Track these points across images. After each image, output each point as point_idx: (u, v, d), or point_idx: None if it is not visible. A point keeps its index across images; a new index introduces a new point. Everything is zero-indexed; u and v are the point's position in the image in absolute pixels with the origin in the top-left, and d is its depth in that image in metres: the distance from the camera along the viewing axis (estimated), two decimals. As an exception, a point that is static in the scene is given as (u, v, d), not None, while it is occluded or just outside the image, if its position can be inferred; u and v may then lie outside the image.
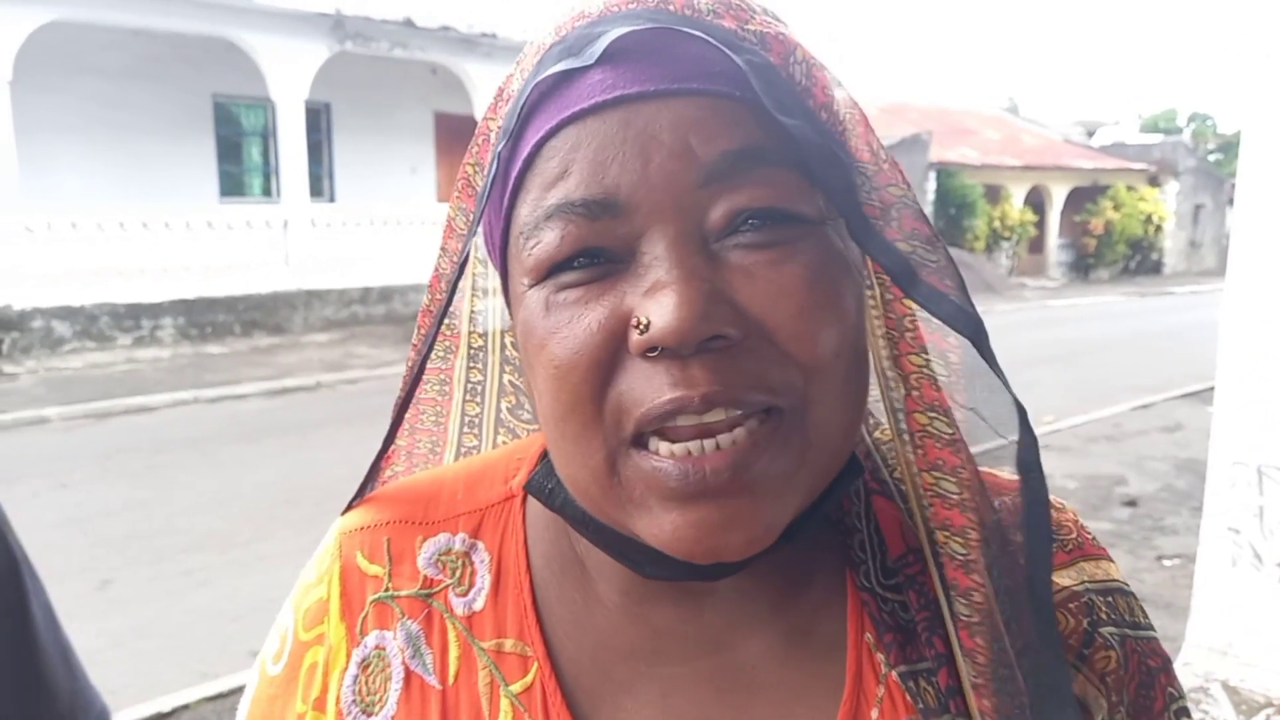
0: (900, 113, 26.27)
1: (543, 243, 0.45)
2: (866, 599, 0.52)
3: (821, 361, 0.44)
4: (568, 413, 0.45)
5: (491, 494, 0.58)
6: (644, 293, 0.43)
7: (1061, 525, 0.58)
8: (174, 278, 11.52)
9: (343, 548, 0.57)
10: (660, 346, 0.42)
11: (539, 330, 0.46)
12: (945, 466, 0.50)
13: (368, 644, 0.55)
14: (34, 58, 10.66)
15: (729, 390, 0.42)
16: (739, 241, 0.44)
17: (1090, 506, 5.90)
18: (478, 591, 0.55)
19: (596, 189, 0.44)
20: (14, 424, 7.87)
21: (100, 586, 4.53)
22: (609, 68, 0.45)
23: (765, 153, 0.44)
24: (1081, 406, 8.77)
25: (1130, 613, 0.57)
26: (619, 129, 0.44)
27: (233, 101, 13.79)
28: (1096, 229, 25.70)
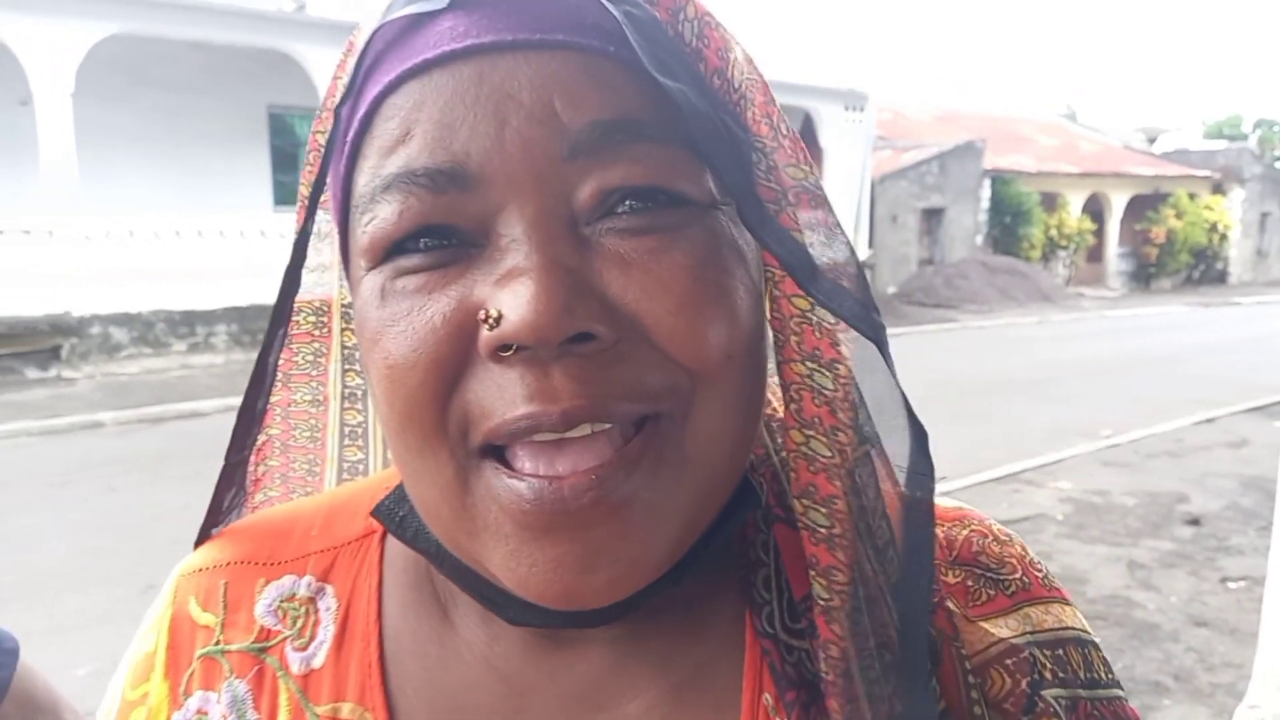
0: (954, 120, 25.93)
1: (379, 218, 0.38)
2: (768, 647, 0.44)
3: (708, 364, 0.37)
4: (405, 421, 0.38)
5: (350, 529, 0.51)
6: (496, 281, 0.36)
7: (1004, 562, 0.48)
8: (228, 285, 11.72)
9: (178, 593, 0.50)
10: (515, 345, 0.35)
11: (372, 322, 0.39)
12: (817, 494, 0.42)
13: (189, 707, 0.47)
14: (96, 70, 10.94)
15: (596, 403, 0.35)
16: (613, 226, 0.37)
17: (1150, 525, 5.69)
18: (319, 645, 0.48)
19: (442, 156, 0.37)
20: (69, 428, 8.04)
21: (144, 591, 4.57)
22: (464, 13, 0.38)
23: (643, 125, 0.37)
24: (1141, 420, 8.50)
25: (1085, 667, 0.47)
26: (471, 85, 0.37)
27: (287, 112, 14.04)
28: (1158, 237, 25.07)
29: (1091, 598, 4.56)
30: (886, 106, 22.66)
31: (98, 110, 11.55)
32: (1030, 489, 6.43)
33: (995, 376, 10.90)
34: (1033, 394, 9.95)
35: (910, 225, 20.57)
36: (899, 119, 24.46)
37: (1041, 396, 9.82)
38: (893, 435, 0.43)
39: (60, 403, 8.85)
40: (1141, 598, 4.58)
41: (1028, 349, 13.58)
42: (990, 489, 6.39)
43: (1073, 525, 5.69)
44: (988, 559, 0.48)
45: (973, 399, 9.51)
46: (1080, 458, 7.29)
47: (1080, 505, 6.08)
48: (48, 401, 8.88)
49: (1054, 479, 6.68)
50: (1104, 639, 4.07)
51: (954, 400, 9.36)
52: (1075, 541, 5.38)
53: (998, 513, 5.86)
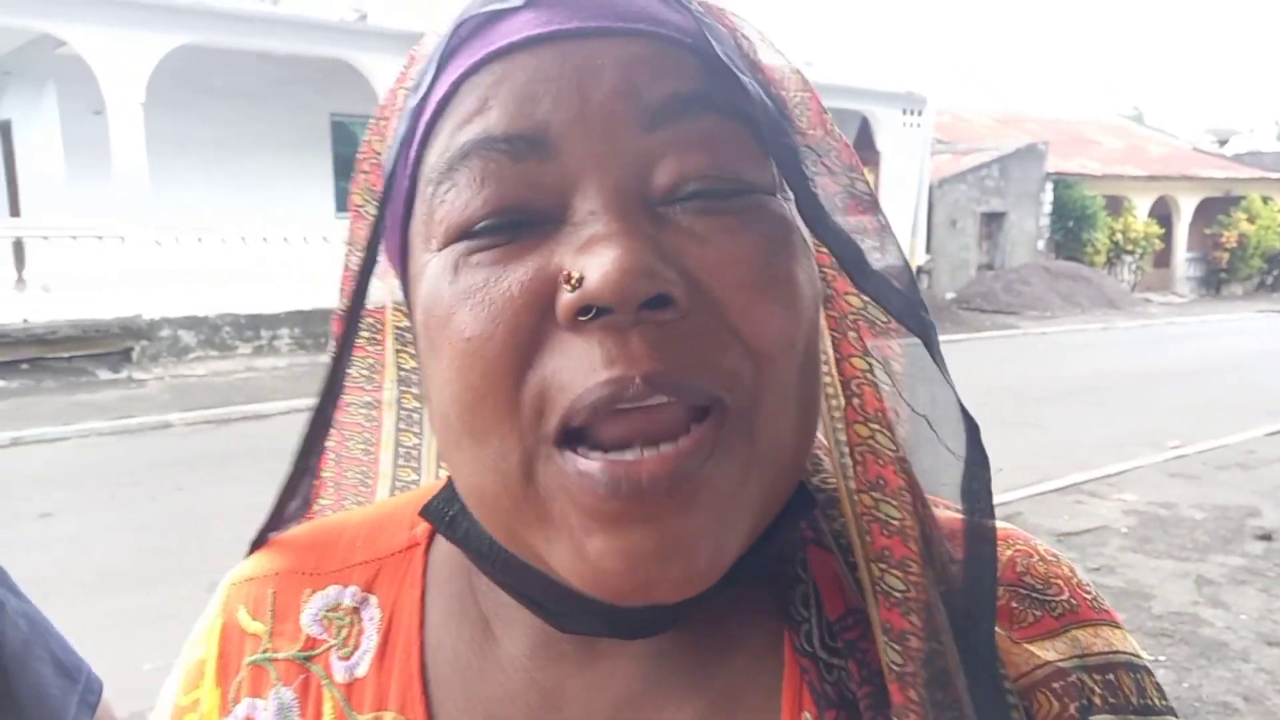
0: (1017, 124, 25.48)
1: (456, 187, 0.38)
2: (806, 665, 0.44)
3: (775, 347, 0.37)
4: (478, 400, 0.37)
5: (394, 541, 0.51)
6: (577, 249, 0.36)
7: (1051, 582, 0.47)
8: (291, 289, 11.97)
9: (227, 602, 0.52)
10: (595, 307, 0.34)
11: (446, 298, 0.38)
12: (886, 487, 0.42)
13: (238, 714, 0.48)
14: (165, 81, 11.26)
15: (673, 371, 0.35)
16: (688, 204, 0.37)
17: (1220, 540, 5.52)
18: (363, 654, 0.48)
19: (524, 123, 0.37)
20: (140, 428, 8.28)
21: (209, 588, 4.65)
22: (543, 8, 0.39)
23: (716, 100, 0.38)
24: (1211, 430, 8.25)
25: (1138, 693, 0.46)
26: (554, 62, 0.38)
27: (349, 120, 14.31)
28: (1229, 242, 24.33)
29: (1158, 614, 4.45)
30: (945, 109, 22.34)
31: (167, 119, 11.89)
32: (1093, 500, 6.29)
33: (1057, 384, 10.68)
34: (1096, 402, 9.73)
35: (969, 230, 20.25)
36: (958, 122, 24.10)
37: (1106, 405, 9.60)
38: (946, 429, 0.43)
39: (131, 403, 9.12)
40: (1210, 615, 4.45)
41: (1092, 356, 13.28)
42: (1051, 500, 6.26)
43: (1138, 539, 5.55)
44: (1033, 579, 0.47)
45: (1034, 407, 9.33)
46: (1145, 469, 7.10)
47: (1145, 518, 5.92)
48: (119, 402, 9.16)
49: (1118, 490, 6.52)
50: (1170, 657, 3.97)
51: (1014, 408, 9.18)
52: (1140, 555, 5.24)
53: (1059, 525, 5.75)
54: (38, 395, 9.44)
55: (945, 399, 0.42)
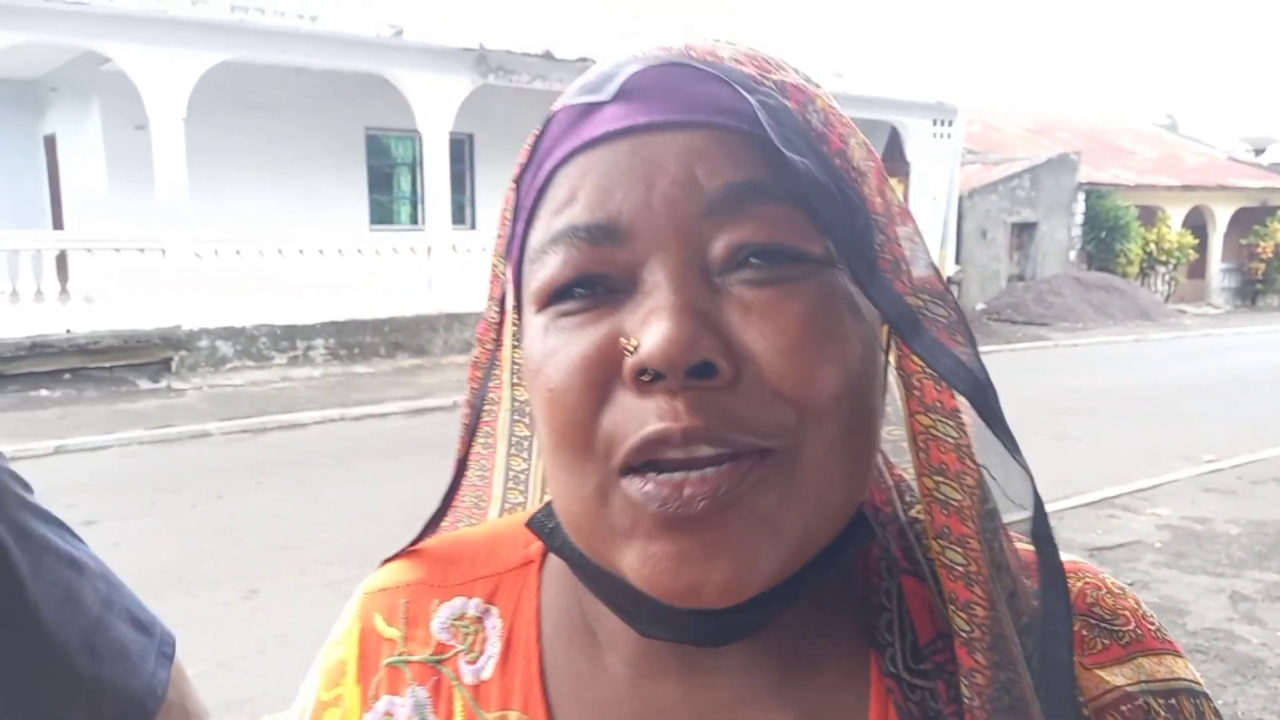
0: (1049, 133, 25.29)
1: (547, 266, 0.45)
2: (892, 686, 0.48)
3: (816, 403, 0.42)
4: (561, 439, 0.44)
5: (511, 558, 0.58)
6: (640, 319, 0.42)
7: (1118, 613, 0.52)
8: (326, 301, 12.14)
9: (364, 609, 0.58)
10: (650, 371, 0.41)
11: (537, 353, 0.46)
12: (952, 535, 0.47)
13: (378, 709, 0.54)
14: (206, 96, 11.48)
15: (712, 428, 0.41)
16: (741, 277, 0.43)
17: (1256, 555, 5.47)
18: (487, 659, 0.54)
19: (600, 214, 0.44)
20: (179, 437, 8.44)
21: (248, 595, 4.79)
22: (624, 103, 0.45)
23: (769, 187, 0.43)
24: (1247, 444, 8.15)
25: (1197, 717, 0.51)
26: (626, 157, 0.44)
27: (384, 134, 14.51)
28: (1265, 252, 23.96)
29: (1192, 630, 4.42)
30: (976, 119, 22.21)
31: (207, 133, 12.12)
32: (1126, 515, 6.25)
33: (1090, 396, 10.59)
34: (1130, 415, 9.64)
35: (1000, 240, 20.12)
36: (989, 131, 23.96)
37: (1139, 418, 9.51)
38: (1012, 478, 0.48)
39: (170, 412, 9.29)
40: (1245, 631, 4.42)
41: (1125, 368, 13.15)
42: (1084, 514, 6.23)
43: (1171, 554, 5.51)
44: (1102, 610, 0.52)
45: (1066, 419, 9.26)
46: (1180, 483, 7.03)
47: (1179, 533, 5.88)
48: (159, 411, 9.33)
49: (1151, 505, 6.47)
50: (1205, 674, 3.94)
51: (1046, 420, 9.12)
52: (1174, 571, 5.21)
53: (1091, 539, 5.72)
54: (80, 404, 9.65)
55: (1001, 455, 0.47)
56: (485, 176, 15.22)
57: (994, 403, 0.45)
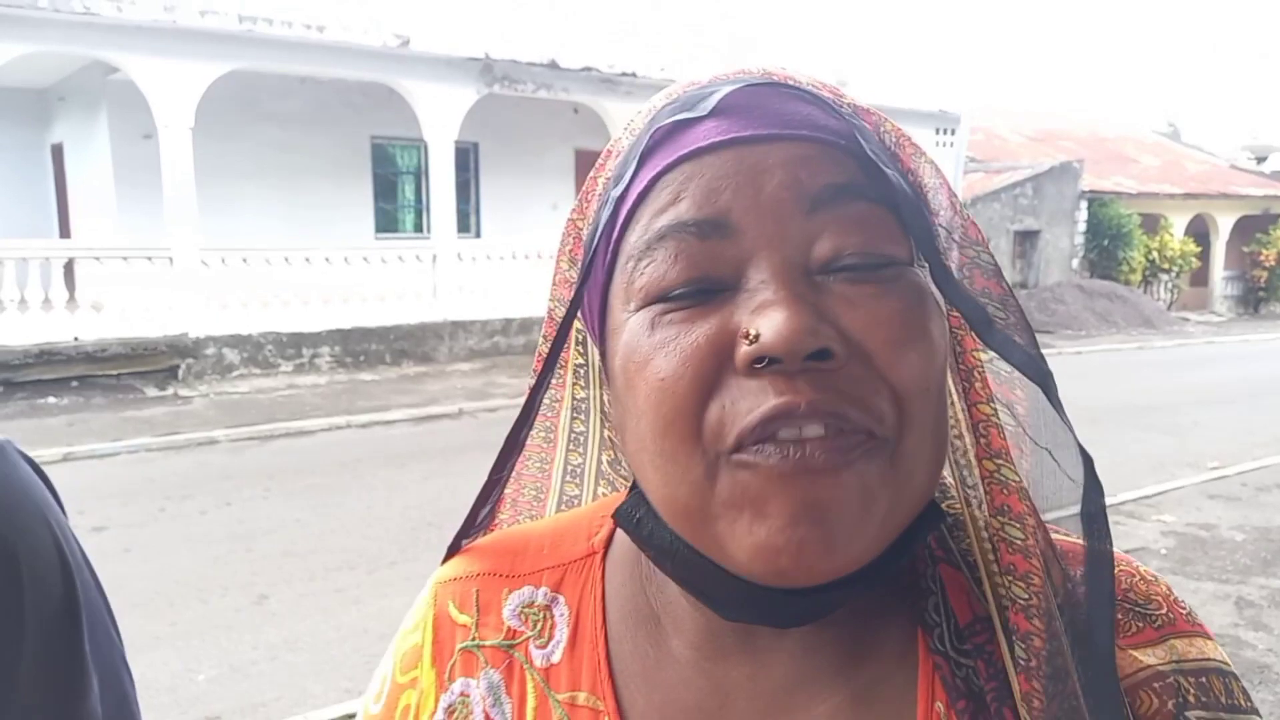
0: (1052, 141, 25.33)
1: (655, 262, 0.47)
2: (939, 662, 0.51)
3: (914, 391, 0.46)
4: (668, 426, 0.46)
5: (575, 549, 0.61)
6: (752, 311, 0.45)
7: (1151, 599, 0.55)
8: (332, 309, 12.18)
9: (437, 597, 0.61)
10: (768, 358, 0.43)
11: (644, 347, 0.47)
12: (1011, 512, 0.50)
13: (454, 690, 0.58)
14: (214, 105, 11.54)
15: (831, 402, 0.44)
16: (842, 274, 0.46)
17: (1262, 562, 5.48)
18: (556, 644, 0.57)
19: (709, 210, 0.46)
20: (187, 444, 8.46)
21: (258, 601, 4.82)
22: (722, 118, 0.48)
23: (865, 190, 0.47)
24: (1252, 452, 8.17)
25: (1227, 695, 0.53)
26: (733, 163, 0.47)
27: (389, 143, 14.58)
28: (1268, 260, 23.96)
29: (1197, 635, 4.44)
30: (979, 127, 22.27)
31: (215, 142, 12.18)
32: (1131, 521, 6.26)
33: (1094, 404, 10.59)
34: (1134, 423, 9.64)
35: (1003, 248, 20.14)
36: (992, 139, 24.00)
37: (1144, 425, 9.51)
38: (1069, 461, 0.51)
39: (178, 420, 9.32)
40: (1251, 637, 4.44)
41: (1128, 376, 13.16)
42: (1089, 520, 6.23)
43: (1177, 560, 5.52)
44: (1136, 595, 0.55)
45: (1070, 427, 9.27)
46: (1185, 490, 7.05)
47: (1185, 539, 5.90)
48: (166, 418, 9.36)
49: (1156, 512, 6.48)
50: (1210, 678, 3.96)
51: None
52: (1180, 577, 5.22)
53: (1097, 545, 5.72)
54: (87, 412, 9.68)
55: (1064, 437, 0.50)
56: (490, 185, 15.28)
57: (1055, 391, 0.49)
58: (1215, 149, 30.50)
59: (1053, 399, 0.49)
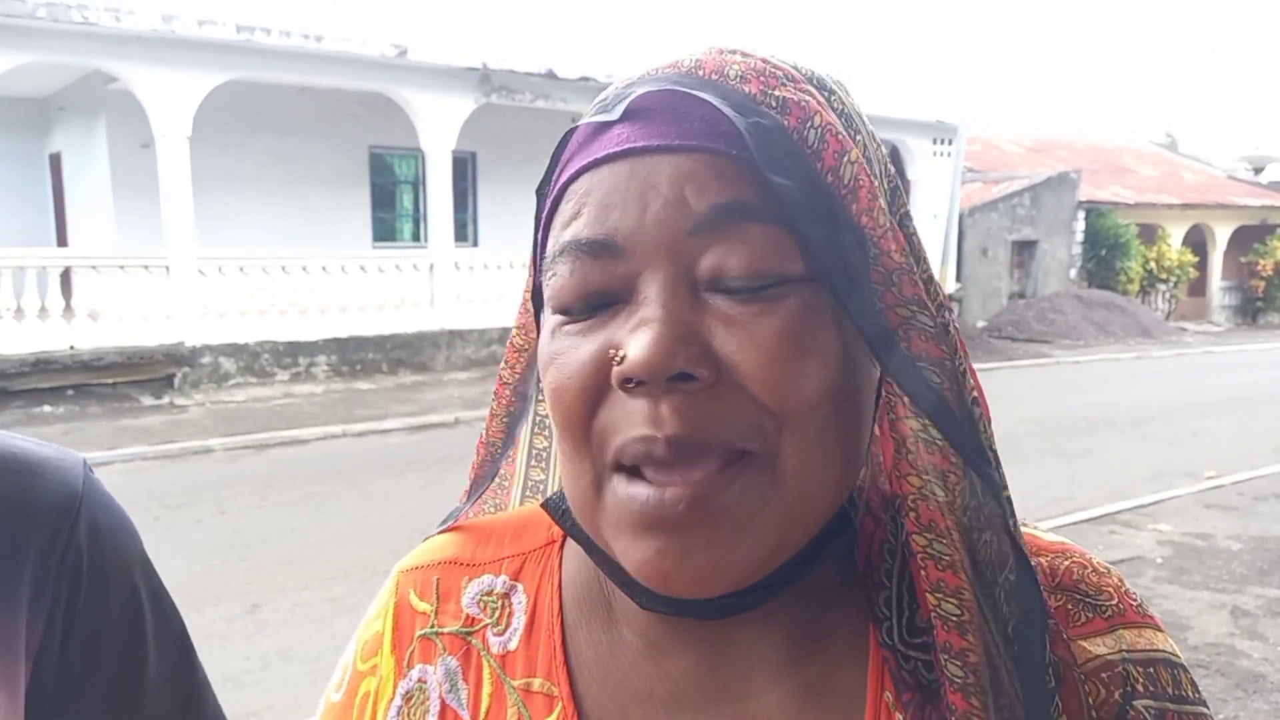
0: (1049, 151, 25.41)
1: (558, 275, 0.49)
2: (888, 655, 0.52)
3: (793, 410, 0.46)
4: (563, 433, 0.49)
5: (535, 539, 0.62)
6: (629, 329, 0.46)
7: (1102, 590, 0.55)
8: (329, 318, 12.19)
9: (399, 585, 0.62)
10: (634, 379, 0.45)
11: (545, 354, 0.50)
12: (937, 528, 0.49)
13: (412, 677, 0.59)
14: (211, 115, 11.56)
15: (693, 432, 0.45)
16: (724, 293, 0.46)
17: (1257, 571, 5.48)
18: (513, 631, 0.59)
19: (599, 230, 0.48)
20: (182, 453, 8.45)
21: (251, 610, 4.80)
22: (630, 124, 0.49)
23: (753, 208, 0.46)
24: (1249, 461, 8.17)
25: (1175, 685, 0.54)
26: (625, 178, 0.48)
27: (388, 152, 14.60)
28: (1265, 270, 24.01)
29: (1193, 645, 4.43)
30: (977, 138, 22.32)
31: (212, 152, 12.21)
32: (1128, 531, 6.26)
33: (1092, 414, 10.60)
34: (1132, 433, 9.65)
35: (1001, 258, 20.17)
36: (990, 150, 24.07)
37: (1142, 435, 9.52)
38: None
39: (174, 429, 9.31)
40: (1247, 647, 4.43)
41: (1126, 385, 13.17)
42: (1085, 529, 6.24)
43: (1173, 569, 5.52)
44: (1086, 586, 0.55)
45: (1068, 437, 9.28)
46: (1181, 499, 7.04)
47: (1181, 549, 5.89)
48: (162, 427, 9.35)
49: (1153, 521, 6.48)
50: (1206, 689, 3.95)
51: (1048, 438, 9.14)
52: (1176, 586, 5.21)
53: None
54: (83, 420, 9.67)
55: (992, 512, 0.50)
56: (488, 194, 15.30)
57: (953, 424, 0.47)
58: (1213, 159, 30.60)
59: (949, 433, 0.47)
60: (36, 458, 0.71)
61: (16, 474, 0.69)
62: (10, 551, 0.67)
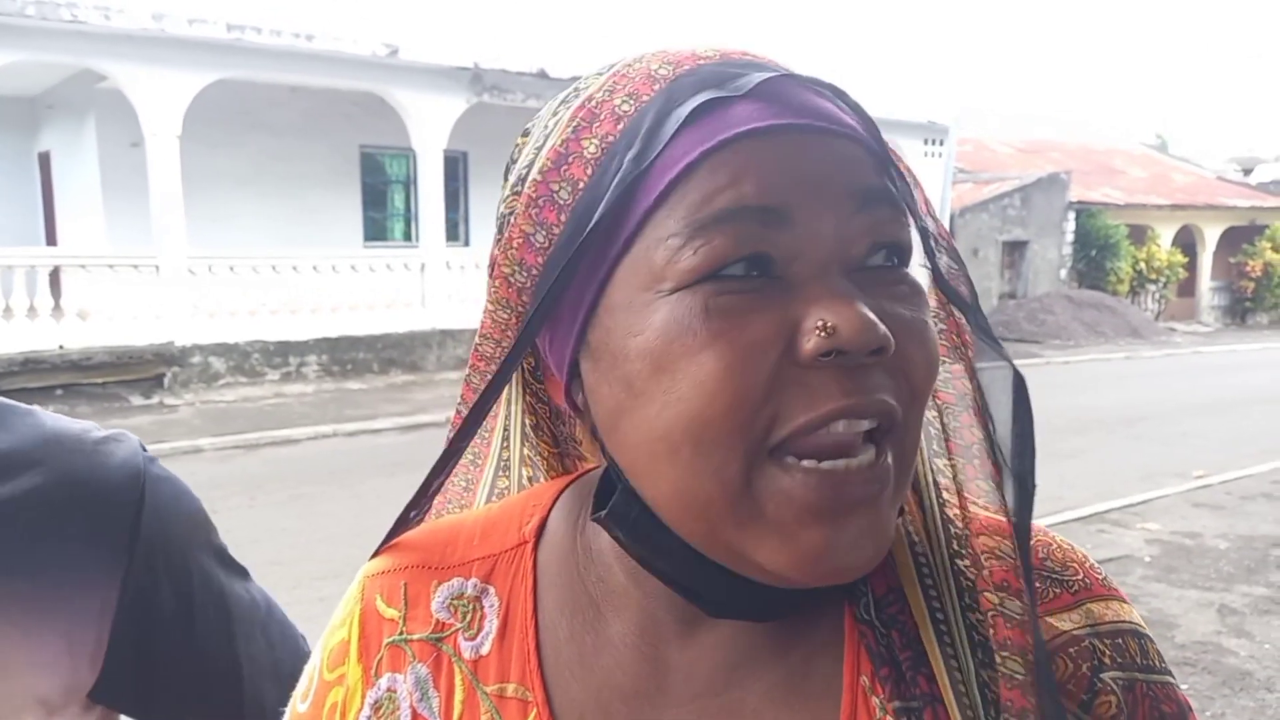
0: (1040, 152, 25.49)
1: (711, 244, 0.45)
2: (864, 630, 0.52)
3: (922, 384, 0.48)
4: (717, 419, 0.44)
5: (506, 540, 0.60)
6: (814, 303, 0.45)
7: (1068, 565, 0.56)
8: (320, 317, 12.15)
9: (365, 591, 0.60)
10: (838, 350, 0.44)
11: (699, 332, 0.45)
12: (1010, 589, 0.52)
13: (381, 686, 0.57)
14: (202, 114, 11.51)
15: (881, 401, 0.46)
16: (880, 271, 0.48)
17: (1244, 570, 5.51)
18: (485, 635, 0.57)
19: (772, 197, 0.46)
20: (172, 453, 8.41)
21: (243, 610, 4.78)
22: (759, 101, 0.47)
23: (891, 192, 0.49)
24: (1237, 461, 8.22)
25: (1142, 655, 0.55)
26: (789, 151, 0.46)
27: (379, 152, 14.57)
28: (1254, 271, 24.14)
29: (1180, 643, 4.45)
30: (968, 139, 22.39)
31: (203, 151, 12.15)
32: (1117, 530, 6.29)
33: (1082, 414, 10.63)
34: (1122, 433, 9.69)
35: (992, 259, 20.24)
36: (981, 151, 24.14)
37: (1132, 435, 9.56)
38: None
39: (163, 429, 9.27)
40: (1234, 644, 4.45)
41: (1116, 386, 13.22)
42: (1074, 528, 6.26)
43: (1161, 568, 5.55)
44: (1053, 563, 0.56)
45: (1058, 437, 9.31)
46: (1170, 498, 7.08)
47: (1169, 547, 5.92)
48: (152, 427, 9.31)
49: (1142, 520, 6.51)
50: (1193, 686, 3.98)
51: (1038, 438, 9.15)
52: (1164, 585, 5.24)
53: (1082, 553, 5.75)
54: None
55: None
56: (479, 194, 15.28)
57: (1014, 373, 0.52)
58: (1203, 160, 30.74)
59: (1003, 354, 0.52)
60: (98, 437, 0.76)
61: (82, 453, 0.74)
62: (83, 530, 0.72)
